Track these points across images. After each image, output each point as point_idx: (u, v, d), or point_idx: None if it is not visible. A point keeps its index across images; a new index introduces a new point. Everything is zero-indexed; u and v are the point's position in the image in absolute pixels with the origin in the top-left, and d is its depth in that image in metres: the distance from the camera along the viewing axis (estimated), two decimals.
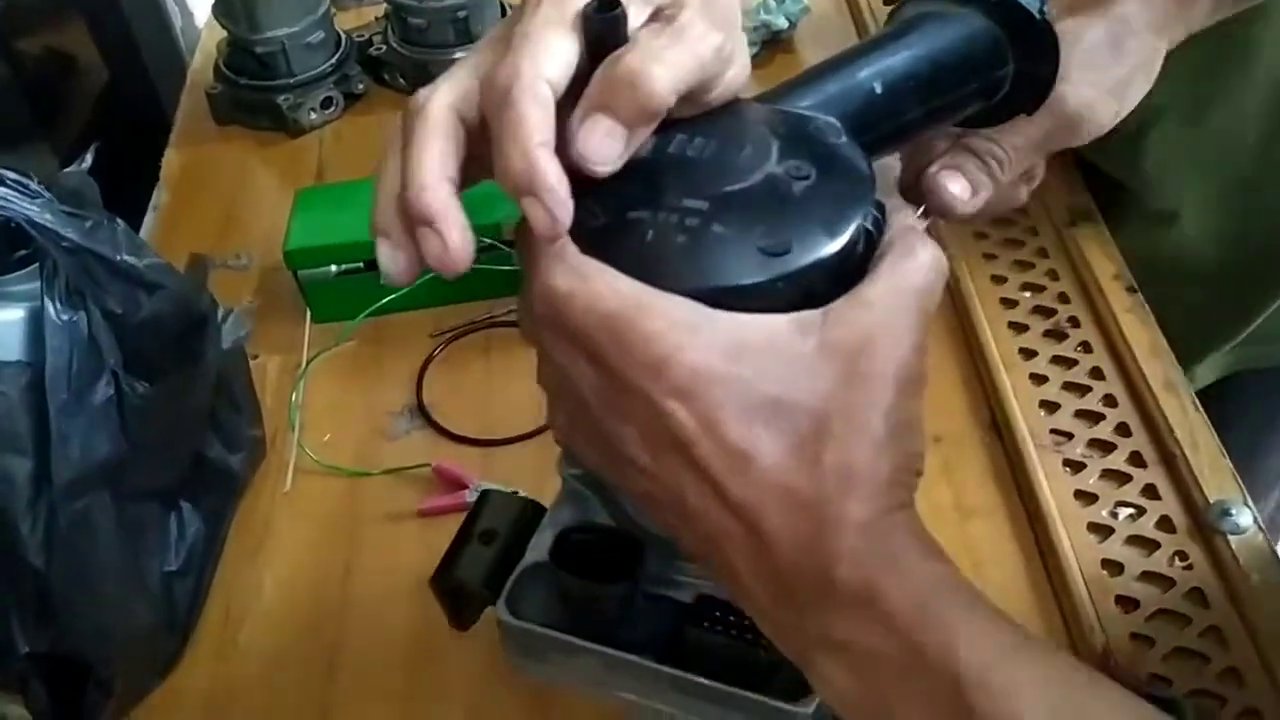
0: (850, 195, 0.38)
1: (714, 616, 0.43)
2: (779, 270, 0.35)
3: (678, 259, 0.36)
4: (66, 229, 0.51)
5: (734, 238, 0.36)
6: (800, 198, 0.37)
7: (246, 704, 0.62)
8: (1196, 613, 0.60)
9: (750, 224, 0.36)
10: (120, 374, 0.53)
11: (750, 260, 0.36)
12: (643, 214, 0.37)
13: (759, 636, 0.42)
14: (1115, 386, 0.72)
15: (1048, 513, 0.65)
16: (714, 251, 0.36)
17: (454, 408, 0.77)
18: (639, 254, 0.36)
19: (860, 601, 0.32)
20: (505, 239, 0.81)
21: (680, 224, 0.36)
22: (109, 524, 0.55)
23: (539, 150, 0.33)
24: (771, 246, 0.36)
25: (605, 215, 0.37)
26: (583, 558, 0.44)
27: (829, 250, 0.36)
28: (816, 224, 0.37)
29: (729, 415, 0.33)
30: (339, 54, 1.03)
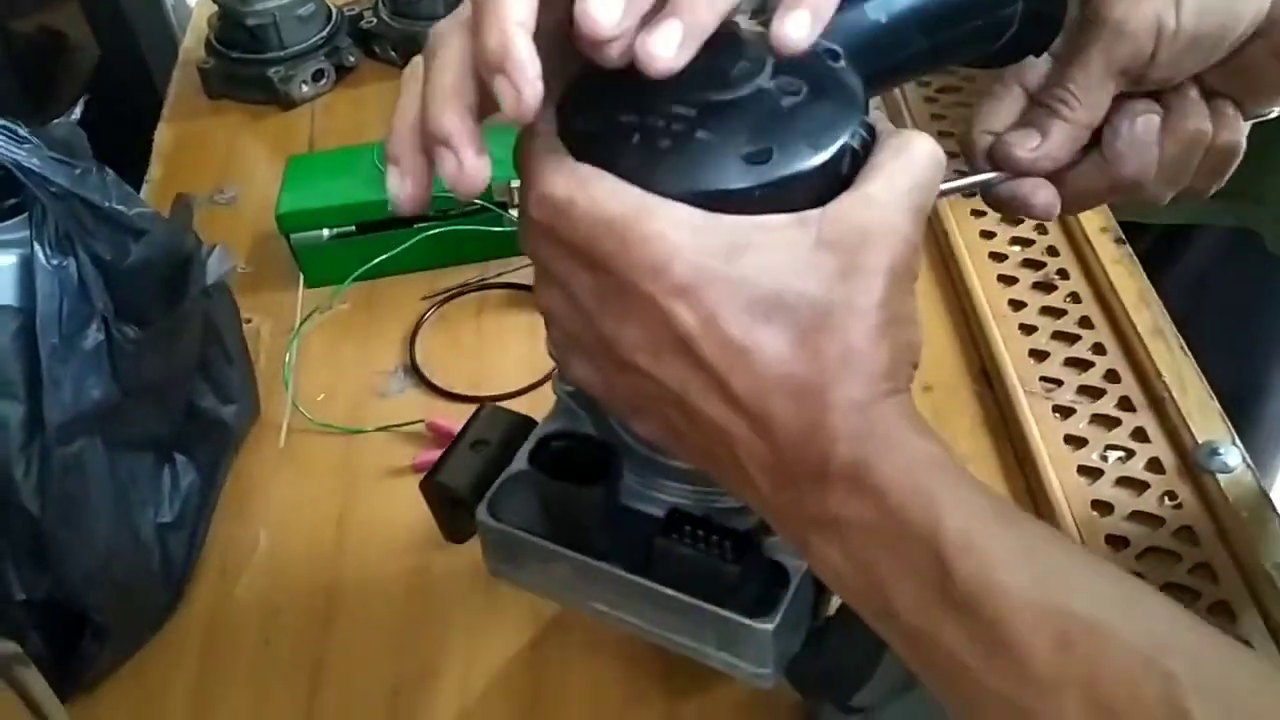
0: (839, 114, 0.38)
1: (683, 530, 0.44)
2: (759, 178, 0.36)
3: (661, 162, 0.36)
4: (56, 174, 0.51)
5: (718, 145, 0.36)
6: (788, 112, 0.38)
7: (242, 656, 0.63)
8: (1186, 550, 0.60)
9: (735, 132, 0.37)
10: (110, 319, 0.53)
11: (732, 167, 0.36)
12: (632, 118, 0.37)
13: (725, 551, 0.43)
14: (1104, 334, 0.72)
15: (1038, 457, 0.65)
16: (697, 156, 0.36)
17: (447, 368, 0.77)
18: (624, 156, 0.37)
19: (854, 477, 0.33)
20: (497, 200, 0.81)
21: (666, 129, 0.37)
22: (102, 471, 0.56)
23: (515, 28, 0.33)
24: (753, 155, 0.36)
25: (596, 118, 0.38)
26: (562, 464, 0.45)
27: (810, 163, 0.37)
28: (800, 137, 0.37)
29: (730, 312, 0.34)
30: (330, 27, 1.03)
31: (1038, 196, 0.47)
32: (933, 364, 0.73)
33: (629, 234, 0.34)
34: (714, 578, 0.43)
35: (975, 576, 0.31)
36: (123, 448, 0.58)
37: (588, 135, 0.38)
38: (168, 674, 0.62)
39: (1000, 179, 0.47)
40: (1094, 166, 0.47)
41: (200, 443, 0.64)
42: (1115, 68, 0.46)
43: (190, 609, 0.65)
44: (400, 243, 0.81)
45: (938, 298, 0.77)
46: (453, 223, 0.82)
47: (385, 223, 0.82)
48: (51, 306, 0.52)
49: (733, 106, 0.38)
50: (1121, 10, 0.45)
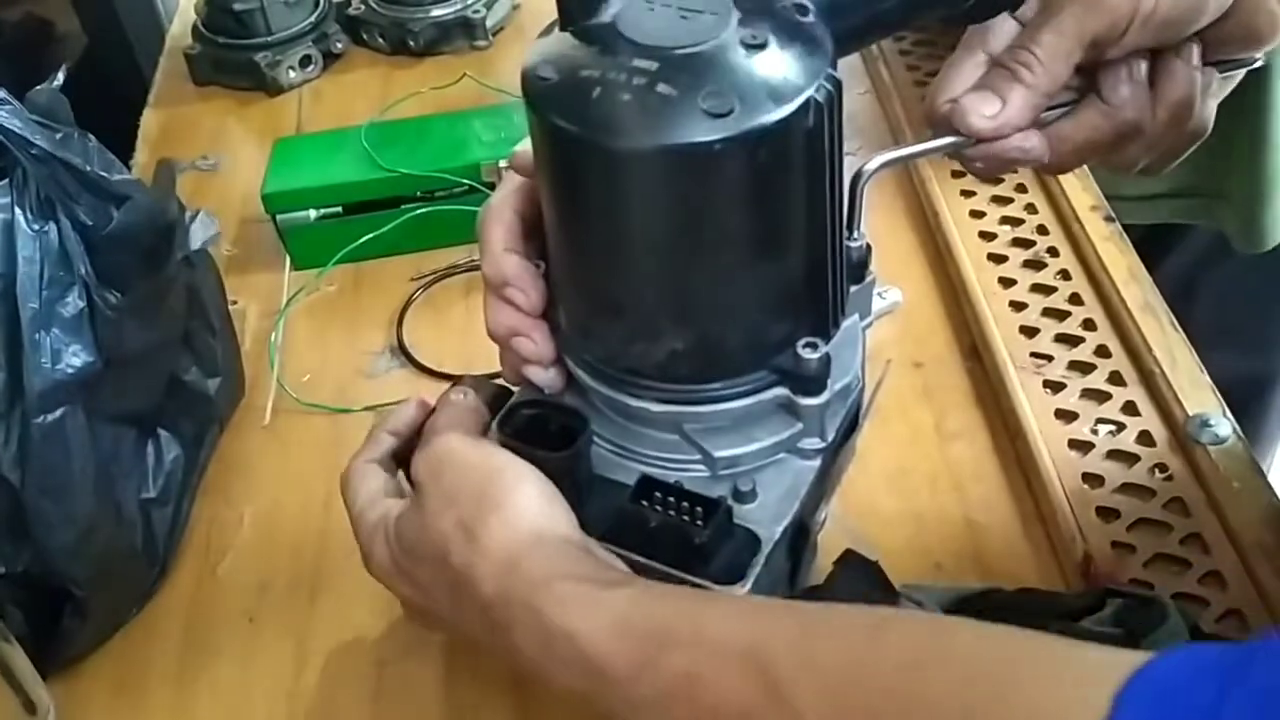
0: (804, 67, 0.38)
1: (653, 496, 0.44)
2: (721, 132, 0.36)
3: (621, 118, 0.36)
4: (37, 138, 0.51)
5: (678, 98, 0.36)
6: (752, 65, 0.37)
7: (226, 633, 0.62)
8: (1177, 521, 0.60)
9: (697, 86, 0.36)
10: (91, 285, 0.53)
11: (693, 121, 0.36)
12: (593, 72, 0.37)
13: (695, 517, 0.42)
14: (1094, 311, 0.72)
15: (1028, 431, 0.65)
16: (657, 111, 0.36)
17: (434, 348, 0.77)
18: (585, 112, 0.37)
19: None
20: (485, 180, 0.81)
21: (627, 83, 0.37)
22: (83, 442, 0.55)
23: (504, 254, 0.45)
24: (714, 108, 0.36)
25: (558, 74, 0.38)
26: (533, 432, 0.46)
27: (772, 116, 0.36)
28: (763, 90, 0.37)
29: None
30: (317, 13, 1.03)
31: (1031, 143, 0.47)
32: (924, 341, 0.72)
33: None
34: (684, 544, 0.43)
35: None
36: (105, 419, 0.57)
37: (549, 89, 0.38)
38: (150, 651, 0.61)
39: (964, 143, 0.46)
40: (1096, 114, 0.47)
41: (184, 417, 0.63)
42: (1087, 38, 0.46)
43: (174, 586, 0.64)
44: (386, 224, 0.81)
45: (929, 276, 0.77)
46: (439, 204, 0.81)
47: (372, 204, 0.81)
48: (32, 271, 0.51)
49: (694, 59, 0.37)
50: None
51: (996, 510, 0.63)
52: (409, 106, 0.96)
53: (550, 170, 0.42)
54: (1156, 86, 0.48)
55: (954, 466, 0.66)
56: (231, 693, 0.60)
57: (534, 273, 0.45)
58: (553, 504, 0.44)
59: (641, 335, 0.43)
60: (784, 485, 0.45)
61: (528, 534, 0.43)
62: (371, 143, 0.83)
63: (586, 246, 0.42)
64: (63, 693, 0.57)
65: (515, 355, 0.47)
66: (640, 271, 0.42)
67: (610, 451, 0.47)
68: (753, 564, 0.43)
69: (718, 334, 0.43)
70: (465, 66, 1.01)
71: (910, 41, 0.96)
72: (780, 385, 0.44)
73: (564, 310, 0.46)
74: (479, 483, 0.44)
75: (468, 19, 1.03)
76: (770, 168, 0.38)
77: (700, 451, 0.45)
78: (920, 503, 0.64)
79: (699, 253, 0.40)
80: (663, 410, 0.44)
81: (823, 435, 0.45)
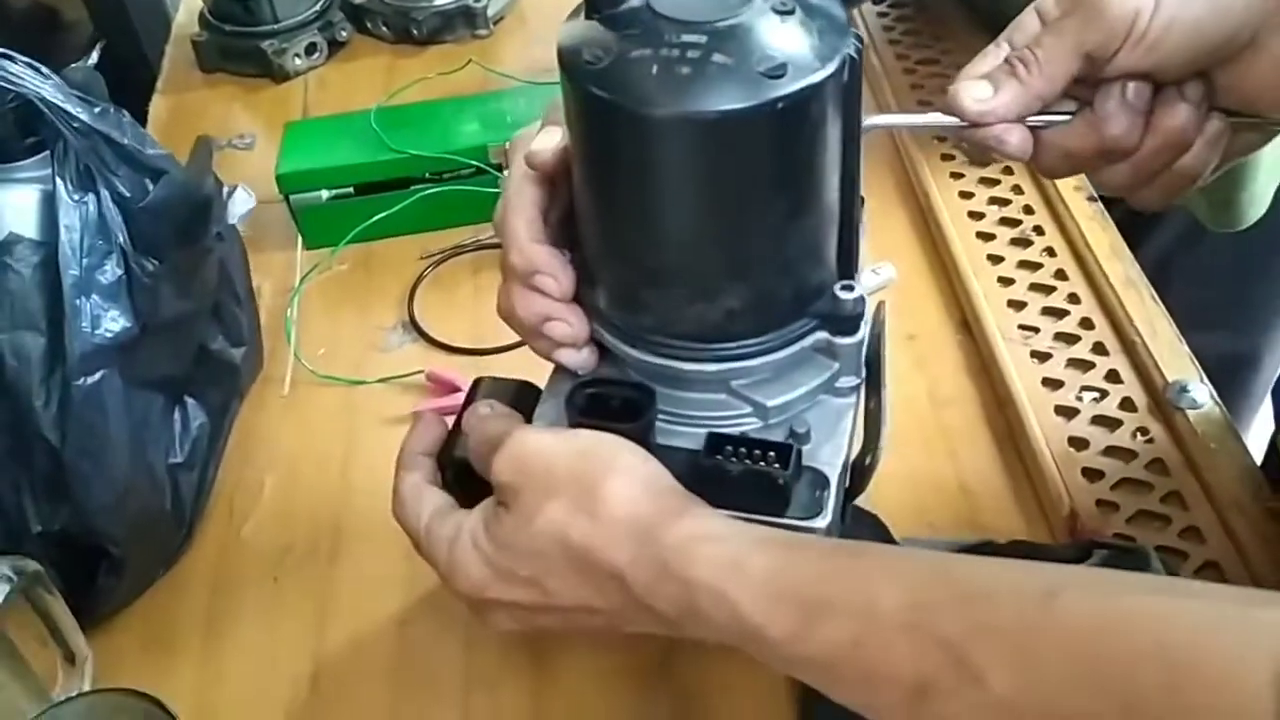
0: (833, 27, 0.41)
1: (725, 450, 0.45)
2: (782, 90, 0.39)
3: (687, 88, 0.39)
4: (77, 110, 0.53)
5: (734, 66, 0.39)
6: (789, 29, 0.40)
7: (251, 592, 0.64)
8: (1158, 480, 0.63)
9: (748, 53, 0.39)
10: (129, 254, 0.55)
11: (755, 84, 0.39)
12: (645, 51, 0.40)
13: (771, 461, 0.45)
14: (1078, 285, 0.75)
15: (1017, 398, 0.68)
16: (718, 78, 0.39)
17: (445, 323, 0.79)
18: (647, 87, 0.39)
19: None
20: (492, 162, 0.83)
21: (682, 57, 0.39)
22: (119, 405, 0.57)
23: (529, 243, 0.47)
24: (771, 71, 0.39)
25: (608, 57, 0.40)
26: (598, 410, 0.47)
27: (822, 74, 0.40)
28: (808, 51, 0.40)
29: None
30: (322, 1, 1.05)
31: (1010, 136, 0.48)
32: (917, 315, 0.76)
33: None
34: (766, 489, 0.45)
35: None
36: (138, 385, 0.59)
37: (603, 71, 0.40)
38: (179, 609, 0.64)
39: (953, 124, 0.48)
40: (1084, 124, 0.48)
41: (210, 386, 0.65)
42: (1084, 48, 0.47)
43: (200, 548, 0.66)
44: (396, 204, 0.83)
45: (920, 254, 0.80)
46: (447, 185, 0.84)
47: (382, 185, 0.84)
48: (73, 239, 0.54)
49: (738, 30, 0.40)
50: None
51: (987, 473, 0.67)
52: (414, 92, 0.98)
53: (605, 151, 0.43)
54: (1153, 114, 0.48)
55: (947, 432, 0.69)
56: (257, 649, 0.62)
57: (562, 259, 0.47)
58: (651, 462, 0.45)
59: (701, 297, 0.44)
60: (831, 424, 0.48)
61: (644, 494, 0.43)
62: (381, 125, 0.85)
63: (649, 220, 0.44)
64: (97, 646, 0.60)
65: (548, 341, 0.48)
66: (706, 235, 0.43)
67: (660, 419, 0.48)
68: (826, 497, 0.46)
69: (771, 286, 0.45)
70: (467, 54, 1.03)
71: (900, 32, 0.99)
72: (820, 329, 0.46)
73: (605, 288, 0.47)
74: (572, 464, 0.44)
75: (469, 8, 1.05)
76: (819, 121, 0.41)
77: (751, 404, 0.47)
78: (915, 466, 0.67)
79: (760, 208, 0.42)
80: (716, 369, 0.46)
81: (857, 372, 0.48)
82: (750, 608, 0.40)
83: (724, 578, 0.41)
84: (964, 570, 0.39)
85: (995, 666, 0.35)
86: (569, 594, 0.45)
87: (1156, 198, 0.51)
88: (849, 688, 0.39)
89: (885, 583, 0.39)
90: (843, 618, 0.39)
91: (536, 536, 0.44)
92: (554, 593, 0.45)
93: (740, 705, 0.57)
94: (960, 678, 0.36)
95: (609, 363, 0.49)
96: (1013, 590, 0.37)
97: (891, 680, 0.37)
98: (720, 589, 0.40)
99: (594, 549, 0.43)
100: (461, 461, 0.51)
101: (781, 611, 0.40)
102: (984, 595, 0.37)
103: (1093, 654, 0.34)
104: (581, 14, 0.43)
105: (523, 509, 0.44)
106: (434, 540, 0.48)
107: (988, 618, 0.36)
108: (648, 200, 0.43)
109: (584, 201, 0.46)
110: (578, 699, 0.58)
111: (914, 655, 0.37)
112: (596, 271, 0.47)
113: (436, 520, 0.48)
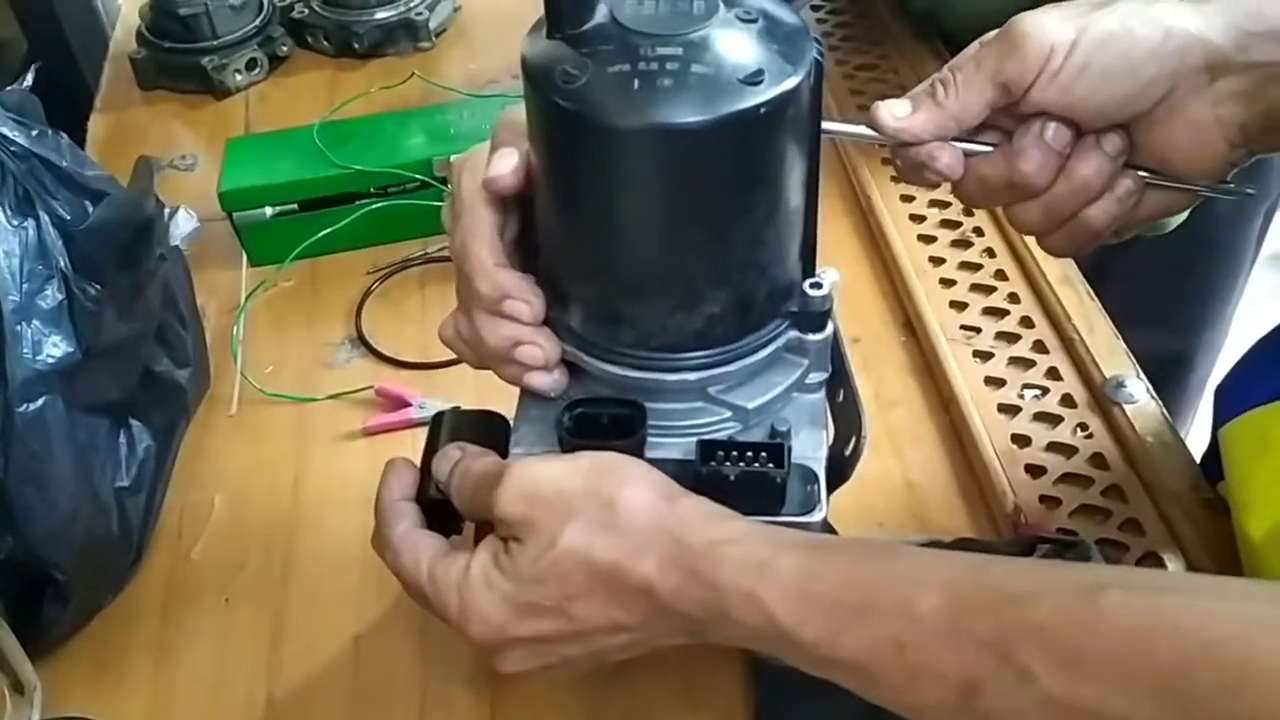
0: (795, 32, 0.42)
1: (718, 455, 0.46)
2: (762, 96, 0.40)
3: (670, 99, 0.39)
4: (14, 134, 0.53)
5: (714, 75, 0.40)
6: (757, 37, 0.41)
7: (203, 615, 0.64)
8: (1098, 474, 0.65)
9: (723, 61, 0.40)
10: (70, 278, 0.55)
11: (736, 92, 0.40)
12: (623, 67, 0.40)
13: (765, 461, 0.45)
14: (1018, 285, 0.77)
15: (960, 397, 0.69)
16: (700, 88, 0.40)
17: (393, 338, 0.79)
18: (629, 101, 0.40)
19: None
20: (437, 175, 0.83)
21: (662, 69, 0.40)
22: (62, 431, 0.57)
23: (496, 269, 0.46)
24: (749, 78, 0.40)
25: (583, 74, 0.41)
26: (588, 430, 0.47)
27: (797, 78, 0.41)
28: (778, 56, 0.41)
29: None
30: (262, 16, 1.04)
31: (941, 155, 0.49)
32: (860, 317, 0.77)
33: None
34: (763, 489, 0.46)
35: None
36: (81, 410, 0.59)
37: (581, 87, 0.40)
38: (130, 634, 0.63)
39: (874, 137, 0.50)
40: (1001, 155, 0.49)
41: (156, 408, 0.65)
42: (999, 77, 0.48)
43: (150, 571, 0.66)
44: (341, 219, 0.83)
45: (864, 257, 0.82)
46: (392, 199, 0.84)
47: (326, 200, 0.84)
48: (12, 265, 0.53)
49: (710, 39, 0.41)
50: (1031, 26, 0.47)
51: (933, 471, 0.68)
52: (357, 106, 0.98)
53: (587, 168, 0.43)
54: (1070, 160, 0.49)
55: (893, 432, 0.70)
56: (209, 672, 0.62)
57: (531, 282, 0.47)
58: (654, 471, 0.45)
59: (684, 306, 0.45)
60: (807, 419, 0.49)
61: (663, 501, 0.43)
62: (324, 141, 0.85)
63: (637, 231, 0.44)
64: (46, 675, 0.59)
65: (518, 366, 0.47)
66: (690, 243, 0.44)
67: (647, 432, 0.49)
68: (818, 492, 0.46)
69: (751, 289, 0.45)
70: (409, 68, 1.03)
71: (839, 39, 1.00)
72: (791, 328, 0.47)
73: (581, 305, 0.47)
74: (584, 484, 0.44)
75: (411, 21, 1.05)
76: (793, 123, 0.42)
77: (731, 408, 0.48)
78: (862, 466, 0.67)
79: (742, 211, 0.43)
80: (698, 378, 0.46)
81: (824, 368, 0.49)
82: (782, 609, 0.40)
83: (753, 579, 0.41)
84: (1001, 570, 0.39)
85: (1043, 665, 0.35)
86: (597, 616, 0.44)
87: (1063, 244, 0.52)
88: (889, 689, 0.39)
89: (923, 584, 0.39)
90: (881, 619, 0.39)
91: (560, 561, 0.43)
92: (581, 618, 0.44)
93: (694, 718, 0.57)
94: (1009, 677, 0.36)
95: (578, 381, 0.49)
96: (1054, 589, 0.37)
97: (937, 680, 0.38)
98: (750, 590, 0.41)
99: (621, 562, 0.43)
100: (433, 502, 0.51)
101: (815, 613, 0.40)
102: (1025, 594, 0.37)
103: (1143, 654, 0.34)
104: (541, 32, 0.43)
105: (541, 537, 0.44)
106: (441, 588, 0.46)
107: (1031, 617, 0.36)
108: (633, 215, 0.43)
109: (556, 221, 0.46)
110: (534, 714, 0.58)
111: (959, 656, 0.37)
112: (570, 290, 0.47)
113: (440, 567, 0.47)
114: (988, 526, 0.64)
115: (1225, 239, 1.02)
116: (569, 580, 0.43)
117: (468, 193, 0.47)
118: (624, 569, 0.42)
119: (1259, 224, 1.04)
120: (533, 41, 0.43)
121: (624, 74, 0.40)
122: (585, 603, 0.43)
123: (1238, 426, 0.56)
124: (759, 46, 0.41)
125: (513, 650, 0.46)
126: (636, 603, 0.43)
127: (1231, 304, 1.07)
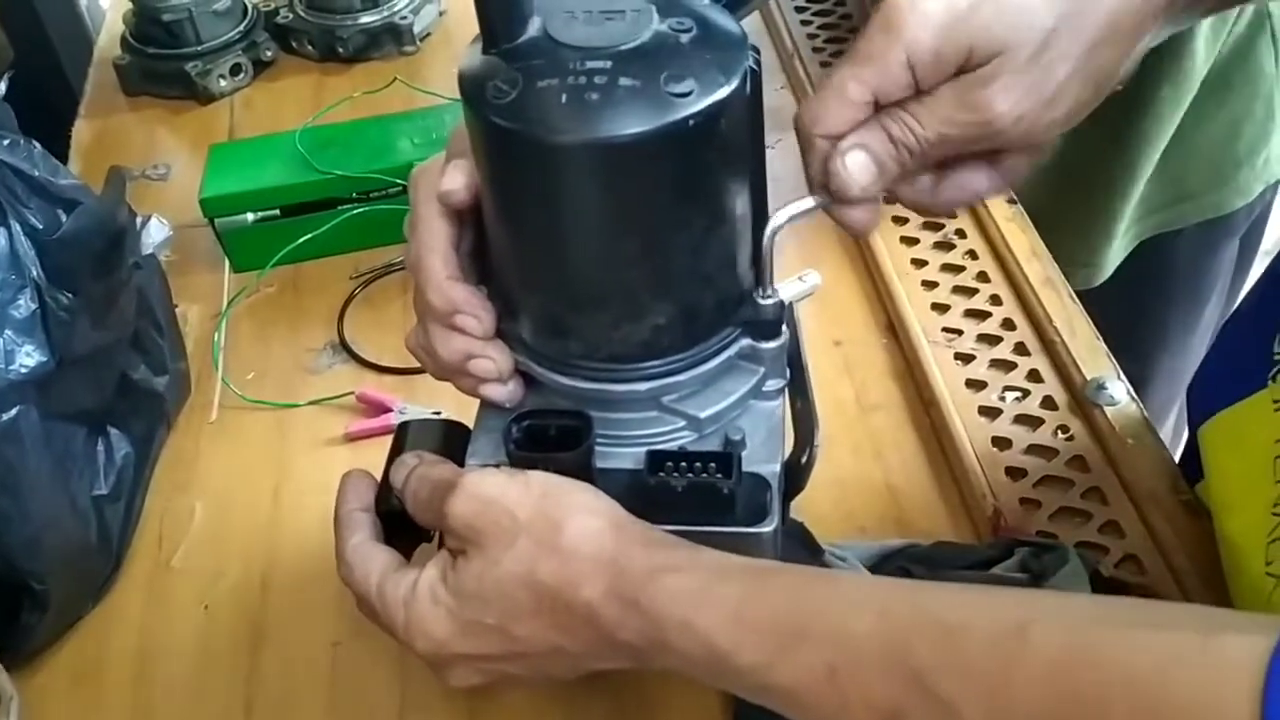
0: (731, 41, 0.42)
1: (666, 466, 0.46)
2: (690, 108, 0.39)
3: (596, 113, 0.39)
4: None
5: (643, 87, 0.40)
6: (689, 47, 0.41)
7: (182, 623, 0.64)
8: (1078, 477, 0.65)
9: (653, 74, 0.40)
10: (43, 287, 0.55)
11: (664, 104, 0.39)
12: (552, 81, 0.40)
13: (714, 471, 0.45)
14: (1000, 287, 0.77)
15: (941, 400, 0.69)
16: (627, 101, 0.39)
17: (375, 343, 0.79)
18: (556, 116, 0.39)
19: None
20: None
21: (590, 83, 0.40)
22: (38, 440, 0.57)
23: (447, 282, 0.46)
24: (678, 89, 0.39)
25: (514, 89, 0.40)
26: (535, 442, 0.47)
27: (726, 89, 0.40)
28: (711, 67, 0.41)
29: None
30: (246, 21, 1.04)
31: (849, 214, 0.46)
32: (843, 320, 0.77)
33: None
34: (712, 500, 0.45)
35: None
36: (57, 419, 0.59)
37: (511, 104, 0.40)
38: (109, 643, 0.63)
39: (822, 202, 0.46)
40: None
41: (133, 416, 0.65)
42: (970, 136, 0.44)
43: (129, 579, 0.66)
44: (323, 225, 0.83)
45: (846, 260, 0.81)
46: (374, 204, 0.84)
47: (308, 205, 0.83)
48: None
49: (640, 52, 0.41)
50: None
51: (914, 474, 0.68)
52: (341, 111, 0.98)
53: (519, 183, 0.43)
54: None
55: (874, 435, 0.70)
56: (190, 680, 0.61)
57: (482, 295, 0.47)
58: (605, 499, 0.45)
59: (627, 318, 0.45)
60: (763, 428, 0.48)
61: (609, 528, 0.43)
62: (306, 146, 0.85)
63: (573, 244, 0.44)
64: (24, 685, 0.59)
65: (472, 379, 0.48)
66: (628, 257, 0.43)
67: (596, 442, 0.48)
68: (770, 502, 0.46)
69: (695, 300, 0.45)
70: (394, 72, 1.03)
71: (824, 40, 1.00)
72: (744, 336, 0.47)
73: (529, 318, 0.47)
74: (533, 503, 0.44)
75: (395, 25, 1.05)
76: (728, 134, 0.41)
77: (684, 418, 0.47)
78: (843, 470, 0.68)
79: (679, 224, 0.43)
80: (648, 388, 0.46)
81: (782, 374, 0.49)
82: (719, 636, 0.40)
83: (692, 608, 0.41)
84: (938, 598, 0.40)
85: (967, 700, 0.35)
86: (538, 638, 0.44)
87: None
88: (820, 717, 0.39)
89: (859, 607, 0.39)
90: (816, 644, 0.39)
91: (504, 579, 0.43)
92: (522, 638, 0.44)
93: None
94: (932, 710, 0.36)
95: (535, 392, 0.49)
96: (987, 621, 0.37)
97: (866, 708, 0.38)
98: (687, 619, 0.41)
99: (564, 589, 0.43)
100: (392, 513, 0.51)
101: (751, 639, 0.40)
102: (959, 625, 0.37)
103: (1063, 689, 0.34)
104: (478, 47, 0.43)
105: (487, 554, 0.44)
106: (388, 603, 0.47)
107: (961, 649, 0.36)
108: (567, 229, 0.43)
109: (500, 235, 0.46)
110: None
111: (887, 686, 0.37)
112: (518, 302, 0.47)
113: (389, 582, 0.47)
114: (968, 529, 0.64)
115: (1185, 270, 1.03)
116: (511, 601, 0.44)
117: (423, 204, 0.47)
118: (566, 595, 0.43)
119: (1226, 255, 1.04)
120: (470, 57, 0.43)
121: (552, 88, 0.40)
122: (527, 624, 0.44)
123: (1215, 425, 0.56)
124: (690, 57, 0.40)
125: (457, 666, 0.46)
126: (578, 629, 0.43)
127: (1197, 332, 1.07)
